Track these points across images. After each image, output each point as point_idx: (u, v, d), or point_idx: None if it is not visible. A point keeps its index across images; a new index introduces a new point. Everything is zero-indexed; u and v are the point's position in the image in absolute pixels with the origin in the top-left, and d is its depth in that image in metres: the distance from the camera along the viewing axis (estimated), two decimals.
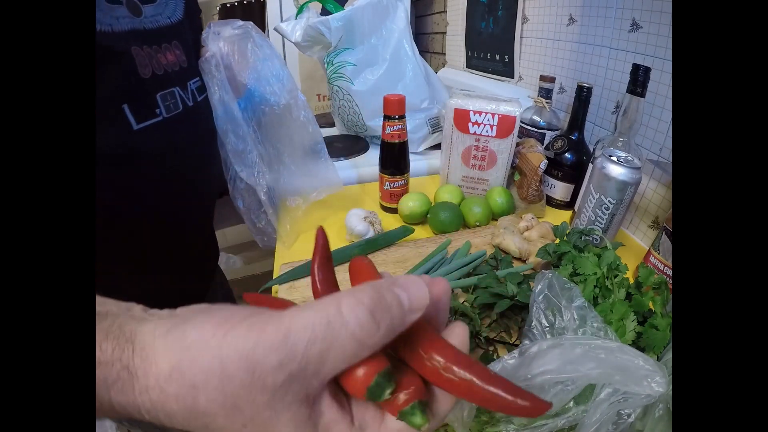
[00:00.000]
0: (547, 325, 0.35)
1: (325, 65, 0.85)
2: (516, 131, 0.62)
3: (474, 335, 0.41)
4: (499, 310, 0.41)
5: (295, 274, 0.52)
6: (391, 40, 0.82)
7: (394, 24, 0.82)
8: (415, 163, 0.76)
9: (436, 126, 0.87)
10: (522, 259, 0.55)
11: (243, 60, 0.53)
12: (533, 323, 0.36)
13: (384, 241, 0.58)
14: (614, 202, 0.51)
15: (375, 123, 0.86)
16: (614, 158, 0.50)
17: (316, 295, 0.25)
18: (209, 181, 0.57)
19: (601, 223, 0.53)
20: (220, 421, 0.16)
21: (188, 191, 0.51)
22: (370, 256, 0.56)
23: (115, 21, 0.36)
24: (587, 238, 0.49)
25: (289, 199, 0.63)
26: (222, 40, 0.52)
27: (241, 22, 0.54)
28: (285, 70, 0.57)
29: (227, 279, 0.88)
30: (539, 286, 0.37)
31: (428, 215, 0.64)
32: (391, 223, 0.67)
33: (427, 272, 0.51)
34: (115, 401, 0.16)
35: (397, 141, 0.63)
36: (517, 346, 0.38)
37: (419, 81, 0.84)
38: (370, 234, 0.58)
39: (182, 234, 0.54)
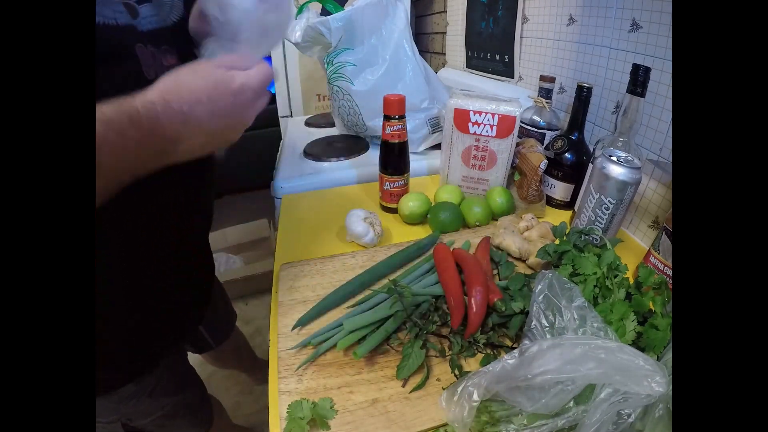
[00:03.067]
0: (547, 325, 0.35)
1: (325, 65, 0.85)
2: (516, 131, 0.62)
3: (474, 339, 0.41)
4: (514, 331, 0.41)
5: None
6: (390, 41, 0.82)
7: (394, 24, 0.82)
8: (415, 163, 0.76)
9: (436, 126, 0.87)
10: (522, 259, 0.55)
11: None
12: (533, 323, 0.36)
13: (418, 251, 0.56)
14: (614, 202, 0.51)
15: (375, 123, 0.86)
16: (614, 158, 0.50)
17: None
18: (209, 189, 0.56)
19: (601, 223, 0.53)
20: None
21: (188, 202, 0.50)
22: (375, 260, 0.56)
23: (119, 14, 0.36)
24: (587, 237, 0.49)
25: None
26: None
27: None
28: None
29: (227, 279, 0.88)
30: (539, 286, 0.37)
31: (428, 215, 0.64)
32: (391, 223, 0.67)
33: (426, 272, 0.51)
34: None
35: (397, 141, 0.63)
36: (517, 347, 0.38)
37: (419, 81, 0.84)
38: (370, 235, 0.58)
39: (184, 248, 0.53)
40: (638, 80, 0.50)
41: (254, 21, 0.36)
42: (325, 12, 0.85)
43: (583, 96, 0.62)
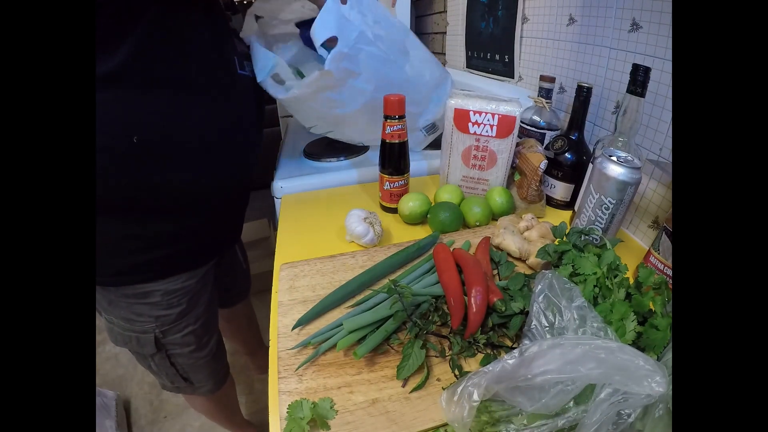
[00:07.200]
0: (547, 325, 0.35)
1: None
2: (516, 131, 0.62)
3: (474, 339, 0.41)
4: (514, 331, 0.41)
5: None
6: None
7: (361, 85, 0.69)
8: (415, 163, 0.76)
9: (430, 128, 0.86)
10: (522, 259, 0.55)
11: None
12: (533, 323, 0.36)
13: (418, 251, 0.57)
14: (614, 202, 0.51)
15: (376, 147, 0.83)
16: (614, 158, 0.50)
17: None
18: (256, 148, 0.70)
19: (601, 223, 0.53)
20: None
21: (249, 152, 0.66)
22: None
23: None
24: (587, 237, 0.49)
25: None
26: None
27: None
28: None
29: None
30: (539, 286, 0.37)
31: (428, 215, 0.64)
32: (391, 223, 0.67)
33: (426, 272, 0.51)
34: None
35: (397, 141, 0.63)
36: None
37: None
38: (370, 235, 0.58)
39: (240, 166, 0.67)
40: (638, 80, 0.50)
41: None
42: None
43: (582, 96, 0.62)
